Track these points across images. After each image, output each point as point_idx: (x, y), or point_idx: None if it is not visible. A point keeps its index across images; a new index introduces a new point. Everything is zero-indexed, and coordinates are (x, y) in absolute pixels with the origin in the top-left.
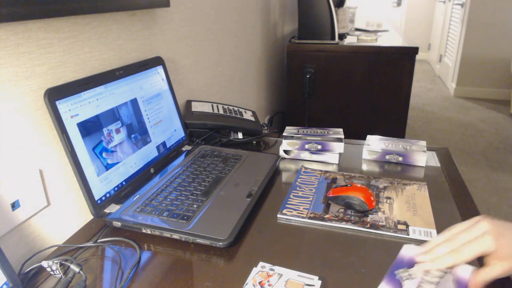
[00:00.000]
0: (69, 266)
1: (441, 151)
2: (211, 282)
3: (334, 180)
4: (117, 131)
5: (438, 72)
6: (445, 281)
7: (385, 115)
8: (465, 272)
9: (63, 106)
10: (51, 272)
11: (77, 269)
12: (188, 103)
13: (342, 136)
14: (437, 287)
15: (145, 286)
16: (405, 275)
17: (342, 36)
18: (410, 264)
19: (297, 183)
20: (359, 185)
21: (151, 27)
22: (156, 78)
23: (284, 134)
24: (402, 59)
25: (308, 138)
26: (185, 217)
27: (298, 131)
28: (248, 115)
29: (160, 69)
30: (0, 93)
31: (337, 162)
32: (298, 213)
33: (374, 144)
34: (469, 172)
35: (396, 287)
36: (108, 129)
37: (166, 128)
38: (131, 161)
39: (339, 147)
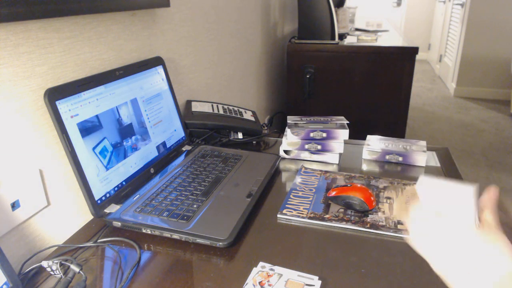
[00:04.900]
0: (69, 266)
1: (441, 151)
2: (211, 282)
3: (334, 180)
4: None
5: (438, 72)
6: None
7: (385, 115)
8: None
9: (63, 106)
10: (51, 272)
11: (77, 269)
12: (188, 103)
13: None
14: None
15: (145, 286)
16: None
17: (342, 36)
18: None
19: (297, 183)
20: (359, 185)
21: (151, 27)
22: (156, 78)
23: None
24: (402, 59)
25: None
26: (185, 217)
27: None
28: (248, 115)
29: (160, 69)
30: (0, 93)
31: (337, 162)
32: (298, 213)
33: (374, 144)
34: (469, 172)
35: None
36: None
37: (166, 128)
38: (131, 161)
39: (339, 147)
